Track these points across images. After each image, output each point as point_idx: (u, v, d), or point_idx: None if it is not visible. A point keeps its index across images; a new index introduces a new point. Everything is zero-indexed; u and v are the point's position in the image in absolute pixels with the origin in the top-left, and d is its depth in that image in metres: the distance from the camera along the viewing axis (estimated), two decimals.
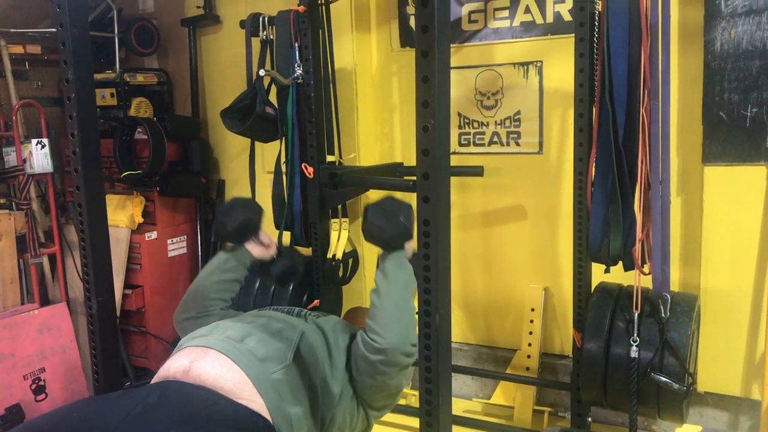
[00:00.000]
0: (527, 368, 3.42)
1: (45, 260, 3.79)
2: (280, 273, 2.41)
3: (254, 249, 2.33)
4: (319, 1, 3.26)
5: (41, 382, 3.41)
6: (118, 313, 3.77)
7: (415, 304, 1.77)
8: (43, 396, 3.40)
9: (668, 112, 2.46)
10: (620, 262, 2.64)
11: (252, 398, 1.69)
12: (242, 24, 3.29)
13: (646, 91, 2.44)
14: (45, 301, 3.80)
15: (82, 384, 3.56)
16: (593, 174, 2.63)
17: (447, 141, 1.44)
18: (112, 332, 2.02)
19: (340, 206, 3.44)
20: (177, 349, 1.90)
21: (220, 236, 2.44)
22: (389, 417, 3.28)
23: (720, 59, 2.81)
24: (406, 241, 1.99)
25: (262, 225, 2.36)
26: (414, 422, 3.14)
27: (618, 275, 2.70)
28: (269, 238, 2.39)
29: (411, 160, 3.59)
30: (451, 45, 3.47)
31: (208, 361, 1.75)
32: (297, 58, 3.14)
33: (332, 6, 3.33)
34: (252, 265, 2.32)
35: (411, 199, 1.80)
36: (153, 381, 1.80)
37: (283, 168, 3.28)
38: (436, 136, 1.39)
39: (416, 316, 1.76)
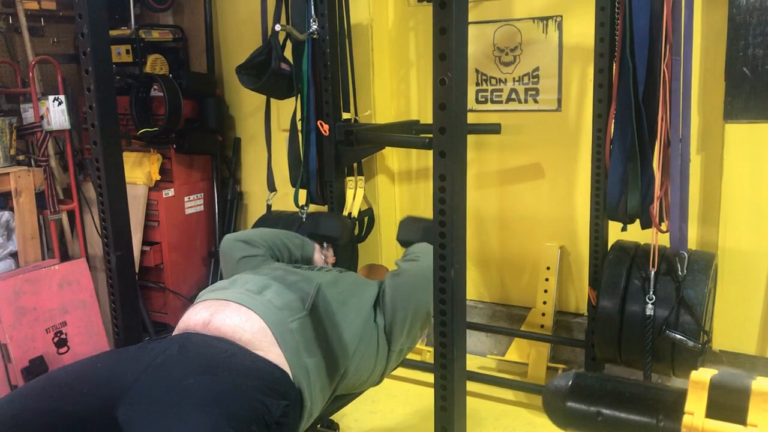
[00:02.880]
0: (542, 326, 3.43)
1: (64, 216, 3.83)
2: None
3: (317, 255, 2.53)
4: None
5: (63, 336, 3.48)
6: (136, 270, 3.84)
7: None
8: (65, 349, 3.47)
9: (690, 68, 2.41)
10: (637, 220, 2.63)
11: (270, 348, 1.72)
12: None
13: (668, 46, 2.39)
14: (65, 257, 3.85)
15: (102, 338, 3.63)
16: (612, 131, 2.60)
17: (464, 94, 1.42)
18: (131, 286, 2.04)
19: (355, 164, 3.43)
20: (197, 301, 1.93)
21: (307, 229, 2.77)
22: (404, 372, 3.34)
23: (745, 13, 2.73)
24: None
25: (337, 245, 2.72)
26: (429, 377, 3.18)
27: (635, 233, 2.69)
28: (332, 259, 2.64)
29: (427, 118, 3.56)
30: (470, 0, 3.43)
31: (228, 313, 1.78)
32: (312, 12, 3.10)
33: None
34: (301, 258, 2.49)
35: (428, 155, 1.79)
36: (174, 333, 1.84)
37: (299, 125, 3.27)
38: (454, 89, 1.37)
39: None
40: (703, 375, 1.38)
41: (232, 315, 1.77)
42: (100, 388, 1.56)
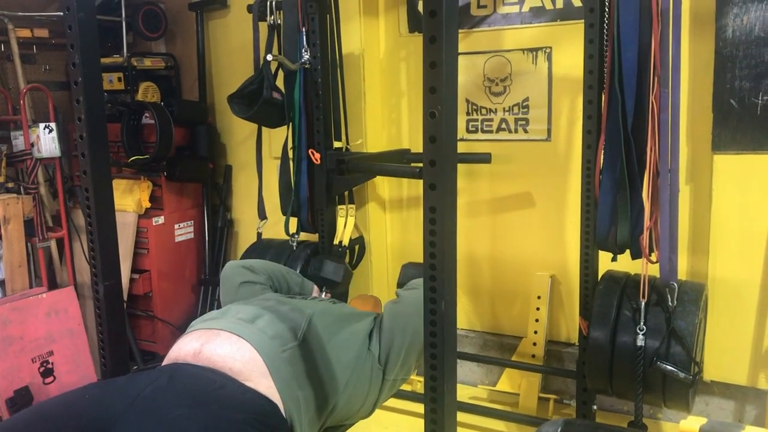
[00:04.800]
0: (533, 356, 3.42)
1: (53, 244, 3.81)
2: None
3: (315, 295, 2.59)
4: None
5: (49, 365, 3.43)
6: (125, 298, 3.81)
7: None
8: (51, 379, 3.42)
9: (678, 100, 2.43)
10: (628, 251, 2.63)
11: (260, 380, 1.70)
12: (250, 8, 3.27)
13: (656, 78, 2.41)
14: (53, 285, 3.82)
15: (89, 367, 3.59)
16: (602, 161, 2.61)
17: (454, 128, 1.43)
18: (119, 316, 2.02)
19: (346, 192, 3.43)
20: (188, 330, 1.91)
21: (311, 270, 3.09)
22: (395, 403, 3.31)
23: (732, 46, 2.77)
24: None
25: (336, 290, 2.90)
26: (419, 408, 3.15)
27: (625, 264, 2.69)
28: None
29: (418, 147, 3.54)
30: (460, 30, 3.46)
31: (218, 342, 1.76)
32: (304, 42, 3.13)
33: None
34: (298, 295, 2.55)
35: (419, 183, 1.80)
36: (163, 363, 1.82)
37: (290, 154, 3.28)
38: (443, 122, 1.38)
39: None
40: (692, 425, 1.37)
41: (223, 344, 1.75)
42: (87, 422, 1.54)
